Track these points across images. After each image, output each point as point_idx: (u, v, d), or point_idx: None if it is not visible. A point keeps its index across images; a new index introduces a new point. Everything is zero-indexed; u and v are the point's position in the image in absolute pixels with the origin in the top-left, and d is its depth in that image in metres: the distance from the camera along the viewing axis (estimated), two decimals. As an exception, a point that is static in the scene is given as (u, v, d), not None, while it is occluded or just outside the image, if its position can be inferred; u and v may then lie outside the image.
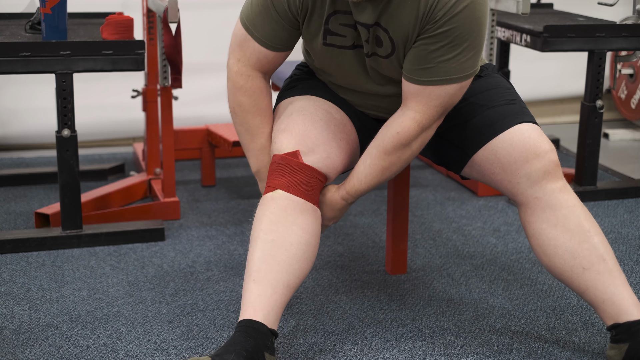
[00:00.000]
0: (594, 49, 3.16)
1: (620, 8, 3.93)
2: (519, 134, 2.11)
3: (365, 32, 2.04)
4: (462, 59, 1.99)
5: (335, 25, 2.06)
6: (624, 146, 4.27)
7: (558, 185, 2.09)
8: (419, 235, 2.96)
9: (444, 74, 2.00)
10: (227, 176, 3.62)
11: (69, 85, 2.67)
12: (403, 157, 2.11)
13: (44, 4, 2.60)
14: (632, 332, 2.04)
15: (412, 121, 2.06)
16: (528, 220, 2.12)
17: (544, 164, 2.08)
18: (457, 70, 2.00)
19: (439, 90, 2.02)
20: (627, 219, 3.15)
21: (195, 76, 3.87)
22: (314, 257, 2.08)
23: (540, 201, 2.08)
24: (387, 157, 2.10)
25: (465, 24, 1.95)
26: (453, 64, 1.99)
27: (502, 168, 2.11)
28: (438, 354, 2.17)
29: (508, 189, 2.13)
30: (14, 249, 2.76)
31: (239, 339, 1.94)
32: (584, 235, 2.07)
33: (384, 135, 2.10)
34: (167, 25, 2.86)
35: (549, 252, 2.09)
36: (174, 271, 2.65)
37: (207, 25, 4.00)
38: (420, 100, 2.04)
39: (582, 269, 2.06)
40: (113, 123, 4.02)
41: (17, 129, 3.95)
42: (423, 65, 2.01)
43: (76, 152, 2.72)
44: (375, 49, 2.07)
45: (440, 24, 1.95)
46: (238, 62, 2.18)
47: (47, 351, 2.16)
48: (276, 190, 2.06)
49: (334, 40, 2.09)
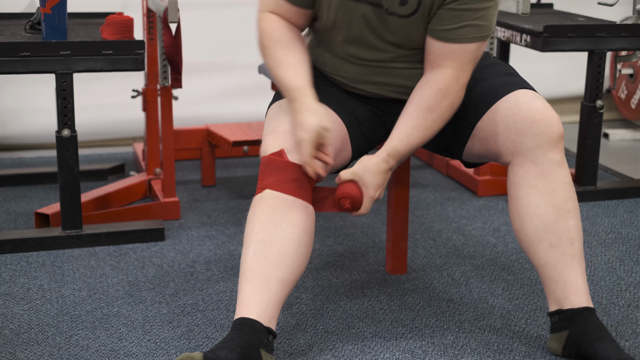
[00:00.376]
0: (594, 49, 3.16)
1: (620, 8, 3.93)
2: (526, 97, 2.12)
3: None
4: (488, 14, 2.06)
5: None
6: (624, 146, 4.27)
7: (557, 157, 2.09)
8: (419, 235, 2.96)
9: (476, 32, 2.07)
10: (227, 176, 3.62)
11: (69, 85, 2.67)
12: (445, 115, 2.11)
13: (44, 4, 2.61)
14: (573, 319, 2.06)
15: (452, 77, 2.09)
16: (517, 182, 2.11)
17: (551, 130, 2.07)
18: (486, 28, 2.08)
19: (471, 47, 2.08)
20: (627, 219, 3.15)
21: (195, 76, 3.87)
22: (309, 253, 2.07)
23: (536, 166, 2.08)
24: (429, 115, 2.09)
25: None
26: (484, 21, 2.06)
27: (507, 127, 2.10)
28: (438, 354, 2.17)
29: (509, 148, 2.10)
30: (14, 249, 2.76)
31: (232, 336, 1.94)
32: (563, 215, 2.07)
33: (425, 94, 2.10)
34: (167, 25, 2.86)
35: (525, 218, 2.09)
36: (174, 271, 2.65)
37: (207, 25, 4.00)
38: (455, 57, 2.08)
39: (549, 245, 2.08)
40: (113, 123, 4.02)
41: (17, 129, 3.95)
42: (456, 24, 2.05)
43: (76, 152, 2.72)
44: (397, 7, 2.07)
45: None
46: (261, 11, 2.18)
47: (47, 351, 2.16)
48: (265, 190, 2.06)
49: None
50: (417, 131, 2.10)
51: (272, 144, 2.10)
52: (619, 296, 2.51)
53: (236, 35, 4.06)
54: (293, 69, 2.11)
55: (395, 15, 2.08)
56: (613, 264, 2.74)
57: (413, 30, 2.11)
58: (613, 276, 2.64)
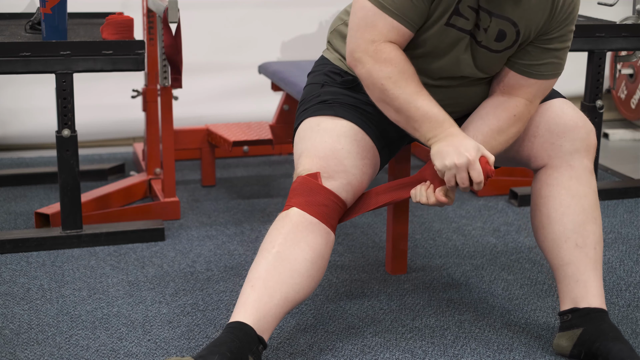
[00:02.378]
0: (594, 49, 3.16)
1: (620, 8, 3.93)
2: (568, 105, 2.20)
3: (486, 19, 2.04)
4: (565, 54, 2.13)
5: (464, 7, 2.03)
6: (624, 146, 4.27)
7: (590, 165, 2.16)
8: (419, 235, 2.96)
9: (555, 68, 2.13)
10: (227, 176, 3.62)
11: (69, 85, 2.67)
12: (511, 140, 2.14)
13: (44, 4, 2.61)
14: (589, 317, 2.08)
15: (526, 107, 2.12)
16: (550, 182, 2.15)
17: (589, 138, 2.15)
18: (563, 64, 2.14)
19: (548, 84, 2.14)
20: (627, 219, 3.15)
21: (195, 76, 3.87)
22: (319, 278, 2.05)
23: (572, 170, 2.14)
24: (498, 136, 2.11)
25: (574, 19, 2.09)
26: (562, 59, 2.13)
27: (548, 129, 2.16)
28: (438, 354, 2.17)
29: (547, 151, 2.16)
30: (14, 249, 2.76)
31: (224, 339, 1.92)
32: (591, 219, 2.13)
33: (499, 116, 2.11)
34: (167, 25, 2.86)
35: (555, 216, 2.13)
36: (174, 271, 2.65)
37: (207, 25, 4.00)
38: (531, 91, 2.12)
39: (575, 244, 2.11)
40: (113, 123, 4.02)
41: (17, 129, 3.95)
42: (542, 60, 2.10)
43: (76, 152, 2.72)
44: (491, 42, 2.07)
45: (567, 22, 2.06)
46: (373, 42, 2.01)
47: (47, 351, 2.16)
48: (292, 208, 2.05)
49: (457, 21, 2.04)
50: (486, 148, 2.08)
51: (309, 166, 2.08)
52: (619, 296, 2.51)
53: (236, 35, 4.06)
54: (432, 100, 2.02)
55: (486, 49, 2.09)
56: (613, 264, 2.74)
57: (497, 63, 2.13)
58: (613, 276, 2.64)
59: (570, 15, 2.07)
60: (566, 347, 2.11)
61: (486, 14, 2.03)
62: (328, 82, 2.25)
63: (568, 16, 2.06)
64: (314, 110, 2.20)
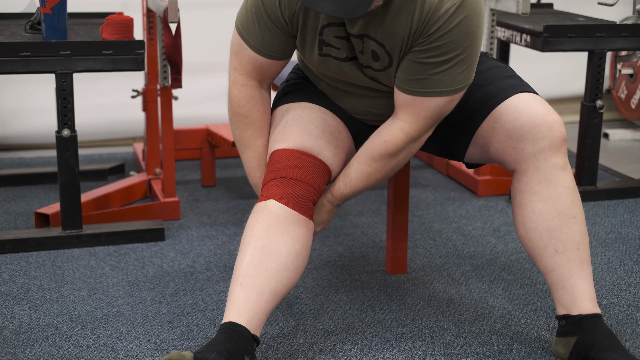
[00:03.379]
0: (594, 49, 3.16)
1: (620, 8, 3.93)
2: (526, 101, 2.08)
3: (359, 43, 2.02)
4: (454, 72, 1.97)
5: (330, 37, 2.04)
6: (624, 146, 4.27)
7: (560, 161, 2.06)
8: (419, 235, 2.96)
9: (434, 86, 1.98)
10: (227, 176, 3.62)
11: (69, 85, 2.67)
12: (388, 166, 2.10)
13: (44, 4, 2.61)
14: (581, 325, 2.06)
15: (401, 131, 2.05)
16: (520, 189, 2.09)
17: (552, 134, 2.04)
18: (449, 83, 1.98)
19: (429, 102, 2.01)
20: (627, 219, 3.15)
21: (195, 76, 3.87)
22: (303, 268, 2.07)
23: (540, 172, 2.05)
24: (372, 163, 2.10)
25: (458, 39, 1.93)
26: (445, 77, 1.97)
27: (507, 135, 2.07)
28: (438, 354, 2.17)
29: (511, 156, 2.08)
30: (14, 249, 2.76)
31: (220, 340, 1.93)
32: (568, 220, 2.06)
33: (372, 141, 2.10)
34: (167, 25, 2.86)
35: (530, 225, 2.08)
36: (174, 271, 2.65)
37: (207, 25, 4.00)
38: (410, 110, 2.03)
39: (554, 251, 2.06)
40: (113, 123, 4.02)
41: (17, 129, 3.95)
42: (414, 76, 1.99)
43: (76, 152, 2.72)
44: (371, 62, 2.05)
45: (433, 38, 1.93)
46: (235, 70, 2.16)
47: (47, 351, 2.16)
48: (270, 199, 2.06)
49: (329, 51, 2.07)
50: (360, 176, 2.12)
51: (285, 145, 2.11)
52: (619, 296, 2.51)
53: (236, 35, 4.06)
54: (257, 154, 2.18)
55: (370, 68, 2.07)
56: (613, 264, 2.74)
57: (390, 80, 2.08)
58: (613, 276, 2.64)
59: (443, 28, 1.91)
60: (564, 354, 2.10)
61: (358, 39, 2.02)
62: (293, 77, 2.33)
63: (439, 29, 1.91)
64: (282, 99, 2.25)
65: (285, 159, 2.09)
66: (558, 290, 2.08)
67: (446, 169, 3.63)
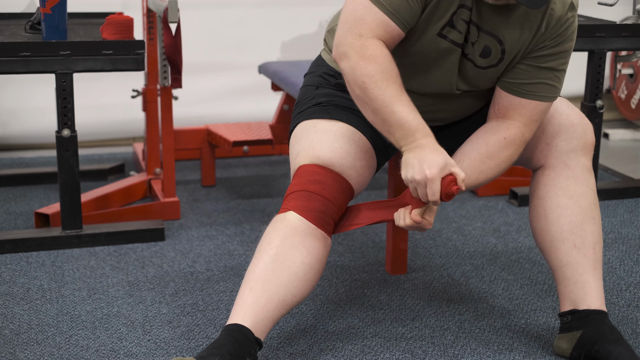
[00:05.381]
0: (594, 49, 3.16)
1: (620, 8, 3.93)
2: (564, 103, 2.17)
3: (475, 33, 2.00)
4: (563, 75, 2.05)
5: (458, 20, 2.00)
6: (624, 146, 4.27)
7: (588, 163, 2.14)
8: (419, 235, 2.96)
9: (550, 91, 2.05)
10: (227, 176, 3.62)
11: (69, 85, 2.67)
12: (503, 165, 2.08)
13: (44, 4, 2.60)
14: (588, 320, 2.07)
15: (518, 130, 2.06)
16: (546, 182, 2.13)
17: (585, 137, 2.13)
18: (559, 88, 2.06)
19: (542, 106, 2.06)
20: (627, 219, 3.15)
21: (195, 76, 3.87)
22: (315, 282, 2.05)
23: (569, 169, 2.12)
24: (488, 160, 2.06)
25: (572, 42, 2.02)
26: (558, 82, 2.05)
27: (542, 129, 2.13)
28: (438, 354, 2.17)
29: (542, 151, 2.13)
30: (14, 249, 2.76)
31: (223, 341, 1.92)
32: (589, 219, 2.11)
33: (488, 139, 2.06)
34: (167, 25, 2.86)
35: (552, 217, 2.11)
36: (174, 271, 2.65)
37: (207, 25, 4.00)
38: (524, 112, 2.06)
39: (573, 245, 2.10)
40: (113, 123, 4.02)
41: (17, 129, 3.95)
42: (533, 79, 2.04)
43: (76, 152, 2.72)
44: (476, 57, 2.03)
45: (559, 41, 1.99)
46: (360, 36, 1.93)
47: (47, 351, 2.16)
48: (289, 211, 2.05)
49: (450, 32, 2.00)
50: (472, 173, 2.05)
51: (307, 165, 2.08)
52: (619, 296, 2.51)
53: (236, 35, 4.06)
54: (410, 106, 1.94)
55: (471, 62, 2.05)
56: (613, 264, 2.74)
57: (482, 79, 2.08)
58: (613, 276, 2.64)
59: (564, 34, 2.00)
60: (566, 349, 2.11)
61: (475, 27, 2.01)
62: (322, 83, 2.23)
63: (561, 34, 2.00)
64: (309, 113, 2.18)
65: (309, 174, 2.07)
66: (569, 284, 2.10)
67: (446, 169, 3.62)
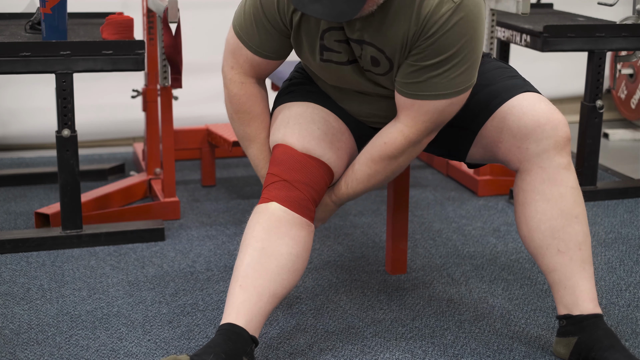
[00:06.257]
0: (594, 49, 3.16)
1: (620, 8, 3.93)
2: (530, 101, 2.07)
3: (358, 48, 2.02)
4: (451, 74, 1.96)
5: (330, 41, 2.04)
6: (624, 146, 4.27)
7: (564, 160, 2.05)
8: (419, 235, 2.96)
9: (432, 89, 1.97)
10: (227, 176, 3.62)
11: (69, 85, 2.67)
12: (389, 168, 2.10)
13: (44, 4, 2.61)
14: (582, 325, 2.06)
15: (400, 134, 2.05)
16: (523, 188, 2.08)
17: (556, 134, 2.03)
18: (447, 86, 1.97)
19: (427, 105, 2.00)
20: (627, 219, 3.15)
21: (195, 76, 3.87)
22: (303, 270, 2.07)
23: (544, 171, 2.05)
24: (372, 165, 2.10)
25: (454, 41, 1.91)
26: (442, 80, 1.96)
27: (511, 134, 2.06)
28: (438, 354, 2.17)
29: (515, 155, 2.07)
30: (14, 249, 2.76)
31: (218, 341, 1.93)
32: (570, 220, 2.05)
33: (373, 143, 2.10)
34: (167, 25, 2.86)
35: (532, 224, 2.08)
36: (174, 271, 2.65)
37: (207, 25, 4.00)
38: (409, 113, 2.03)
39: (557, 250, 2.06)
40: (113, 123, 4.02)
41: (17, 129, 3.95)
42: (412, 79, 1.98)
43: (76, 152, 2.72)
44: (370, 67, 2.05)
45: (430, 41, 1.92)
46: (232, 69, 2.17)
47: (47, 351, 2.16)
48: (271, 201, 2.06)
49: (331, 56, 2.07)
50: (361, 177, 2.12)
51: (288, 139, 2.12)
52: (619, 296, 2.51)
53: (236, 35, 4.06)
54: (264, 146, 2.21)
55: (371, 72, 2.07)
56: (613, 264, 2.74)
57: (392, 84, 2.07)
58: (613, 276, 2.64)
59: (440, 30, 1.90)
60: (564, 354, 2.10)
61: (356, 43, 2.01)
62: (296, 76, 2.32)
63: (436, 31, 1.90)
64: (285, 97, 2.25)
65: (287, 161, 2.09)
66: (559, 290, 2.08)
67: (446, 168, 3.63)
